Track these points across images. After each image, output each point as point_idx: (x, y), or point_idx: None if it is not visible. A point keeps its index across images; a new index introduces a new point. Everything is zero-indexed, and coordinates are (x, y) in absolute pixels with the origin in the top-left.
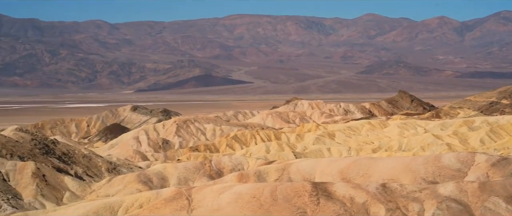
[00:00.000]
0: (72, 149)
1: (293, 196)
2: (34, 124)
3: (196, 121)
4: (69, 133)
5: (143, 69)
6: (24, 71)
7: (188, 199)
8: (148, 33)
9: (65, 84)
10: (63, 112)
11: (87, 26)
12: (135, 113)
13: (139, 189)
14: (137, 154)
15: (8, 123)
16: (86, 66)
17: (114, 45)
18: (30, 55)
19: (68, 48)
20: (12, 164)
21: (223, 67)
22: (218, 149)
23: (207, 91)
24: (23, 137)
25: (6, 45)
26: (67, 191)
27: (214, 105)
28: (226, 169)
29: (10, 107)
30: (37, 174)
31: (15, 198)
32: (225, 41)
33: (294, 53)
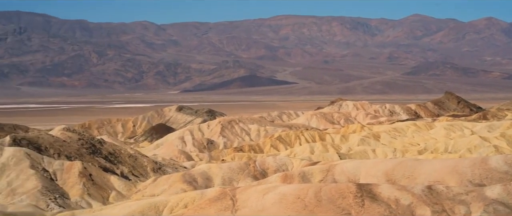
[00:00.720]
0: (118, 149)
1: (338, 197)
2: (81, 124)
3: (241, 122)
4: (115, 133)
5: (188, 69)
6: (72, 71)
7: (232, 200)
8: (194, 34)
9: (112, 85)
10: (109, 112)
11: (134, 27)
12: (181, 114)
13: (184, 189)
14: (182, 154)
15: (56, 123)
16: (133, 66)
17: (160, 45)
18: (78, 55)
19: (115, 49)
20: (59, 163)
21: (268, 68)
22: (263, 149)
23: (252, 92)
24: (71, 137)
25: (55, 46)
26: (113, 191)
27: (258, 106)
28: (270, 170)
29: (58, 107)
30: (84, 173)
31: (62, 197)
32: (270, 41)
33: (339, 53)
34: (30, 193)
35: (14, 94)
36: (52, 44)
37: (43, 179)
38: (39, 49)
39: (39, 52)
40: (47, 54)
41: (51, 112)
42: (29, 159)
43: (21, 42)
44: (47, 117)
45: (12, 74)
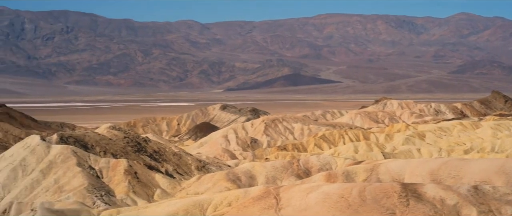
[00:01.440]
0: (163, 147)
1: (382, 196)
2: (127, 122)
3: (284, 120)
4: (160, 131)
5: (232, 68)
6: (118, 70)
7: (276, 198)
8: (238, 32)
9: (156, 83)
10: (154, 111)
11: (178, 26)
12: (224, 112)
13: (227, 187)
14: (226, 152)
15: (102, 121)
16: (177, 65)
17: (204, 44)
18: (124, 54)
19: (160, 48)
20: (105, 161)
21: (312, 67)
22: (306, 148)
23: (296, 91)
24: (116, 135)
25: (101, 45)
26: (158, 189)
27: (302, 105)
28: (314, 169)
29: (104, 106)
30: (129, 171)
31: (108, 195)
32: (314, 40)
33: (384, 52)
34: (76, 191)
35: (61, 92)
36: (98, 43)
37: (89, 177)
38: (86, 48)
39: (85, 51)
40: (94, 53)
41: (97, 111)
42: (76, 157)
43: (68, 41)
44: (93, 116)
45: (59, 73)
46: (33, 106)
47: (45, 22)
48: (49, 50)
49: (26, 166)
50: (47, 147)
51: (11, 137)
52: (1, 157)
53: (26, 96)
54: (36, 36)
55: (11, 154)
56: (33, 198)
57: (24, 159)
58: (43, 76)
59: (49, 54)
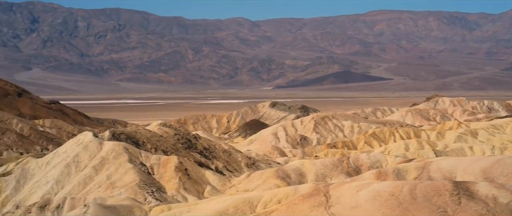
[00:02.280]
0: (213, 144)
1: (433, 195)
2: (177, 120)
3: (334, 118)
4: (210, 128)
5: (282, 65)
6: (169, 68)
7: (325, 196)
8: (288, 30)
9: (207, 81)
10: (204, 108)
11: (229, 24)
12: (274, 110)
13: (277, 184)
14: (275, 150)
15: (153, 118)
16: (227, 63)
17: (254, 42)
18: (175, 52)
19: (210, 46)
20: (156, 158)
21: (362, 64)
22: (356, 146)
23: (346, 88)
24: (167, 132)
25: (152, 43)
26: (208, 185)
27: (352, 102)
28: (364, 167)
29: (155, 103)
30: (179, 168)
31: (159, 191)
32: (365, 37)
33: (435, 49)
34: (128, 187)
35: (113, 89)
36: (150, 41)
37: (140, 173)
38: (137, 46)
39: (137, 49)
40: (145, 51)
41: (148, 108)
42: (128, 153)
43: (120, 38)
44: (145, 113)
45: (111, 70)
46: (85, 103)
47: (97, 19)
48: (101, 48)
49: (79, 162)
50: (99, 144)
51: (64, 134)
52: (55, 153)
53: (79, 93)
54: (89, 34)
55: (65, 150)
56: (85, 193)
57: (77, 155)
58: (96, 74)
59: (102, 52)
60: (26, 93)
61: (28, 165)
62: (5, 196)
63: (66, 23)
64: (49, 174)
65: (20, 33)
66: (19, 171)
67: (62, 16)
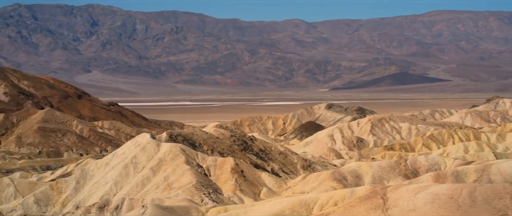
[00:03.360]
0: (268, 146)
1: (494, 198)
2: (233, 121)
3: (391, 120)
4: (266, 130)
5: (338, 67)
6: (225, 70)
7: (383, 198)
8: (345, 31)
9: (262, 82)
10: (260, 110)
11: (285, 25)
12: (330, 111)
13: (333, 186)
14: (332, 152)
15: (209, 120)
16: (283, 64)
17: (310, 43)
18: (231, 54)
19: (266, 47)
20: (212, 159)
21: (420, 65)
22: (414, 148)
23: (403, 89)
24: (223, 134)
25: (209, 45)
26: (264, 187)
27: (410, 104)
28: (422, 169)
29: (211, 105)
30: (236, 169)
31: (216, 193)
32: (423, 38)
33: (496, 49)
34: (185, 188)
35: (170, 91)
36: (206, 43)
37: (197, 175)
38: (194, 48)
39: (194, 51)
40: (202, 53)
41: (205, 109)
42: (184, 154)
43: (177, 41)
44: (201, 114)
45: (168, 72)
46: (143, 105)
47: (155, 22)
48: (159, 50)
49: (137, 164)
50: (157, 145)
51: (123, 135)
52: (114, 154)
53: (137, 95)
54: (147, 36)
55: (123, 151)
56: (143, 194)
57: (135, 156)
58: (153, 76)
59: (159, 54)
60: (85, 95)
61: (88, 166)
62: (65, 197)
63: (125, 26)
64: (108, 175)
65: (80, 36)
66: (79, 172)
67: (121, 19)
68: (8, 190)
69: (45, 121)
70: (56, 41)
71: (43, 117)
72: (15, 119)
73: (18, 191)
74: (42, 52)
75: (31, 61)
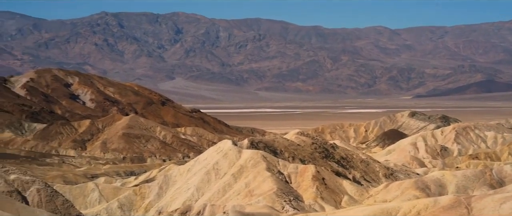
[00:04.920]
0: (350, 153)
1: None
2: (315, 128)
3: (477, 128)
4: (347, 137)
5: (422, 74)
6: (307, 77)
7: (467, 208)
8: (429, 38)
9: (344, 90)
10: (342, 117)
11: (368, 33)
12: (413, 119)
13: (416, 195)
14: (414, 160)
15: (291, 127)
16: (366, 72)
17: (394, 50)
18: (313, 61)
19: (348, 54)
20: (293, 166)
21: (507, 73)
22: (499, 157)
23: (489, 97)
24: (304, 141)
25: (291, 52)
26: (346, 195)
27: (496, 112)
28: (508, 179)
29: (293, 112)
30: (317, 177)
31: (297, 200)
32: (510, 45)
33: None
34: (266, 195)
35: (252, 98)
36: (289, 50)
37: (278, 182)
38: (276, 55)
39: (276, 58)
40: (284, 60)
41: (286, 116)
42: (266, 161)
43: (260, 48)
44: (282, 121)
45: (250, 80)
46: (225, 111)
47: (238, 30)
48: (242, 57)
49: (219, 170)
50: (238, 152)
51: (205, 141)
52: (196, 160)
53: (219, 102)
54: (230, 44)
55: (205, 157)
56: (225, 201)
57: (217, 163)
58: (236, 83)
59: (242, 61)
60: (169, 101)
61: (170, 172)
62: (148, 202)
63: (208, 34)
64: (190, 181)
65: (165, 43)
66: (161, 177)
67: (205, 26)
68: (93, 194)
69: (130, 127)
70: (141, 49)
71: (128, 123)
72: (101, 125)
73: (102, 196)
74: (127, 60)
75: (117, 68)
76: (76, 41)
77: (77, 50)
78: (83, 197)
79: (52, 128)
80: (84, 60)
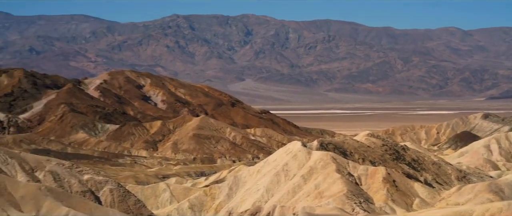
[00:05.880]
0: (421, 155)
1: None
2: (385, 130)
3: None
4: (418, 139)
5: (495, 76)
6: (377, 78)
7: None
8: (503, 39)
9: (416, 91)
10: (413, 119)
11: (439, 33)
12: (486, 121)
13: (490, 199)
14: (488, 163)
15: (361, 128)
16: (437, 73)
17: (466, 51)
18: (383, 62)
19: (420, 56)
20: (364, 168)
21: None
22: None
23: None
24: (375, 143)
25: (361, 53)
26: (417, 198)
27: None
28: None
29: (363, 113)
30: (387, 179)
31: (367, 202)
32: None
33: None
34: (336, 197)
35: (322, 100)
36: (359, 51)
37: (348, 183)
38: (346, 57)
39: (346, 59)
40: (353, 61)
41: (356, 118)
42: (335, 163)
43: (329, 49)
44: (352, 123)
45: (320, 81)
46: (294, 113)
47: (308, 31)
48: (311, 59)
49: (288, 171)
50: (308, 153)
51: (274, 142)
52: (265, 161)
53: (288, 103)
54: (299, 45)
55: (275, 159)
56: (294, 202)
57: (286, 164)
58: (305, 84)
59: (311, 63)
60: (239, 103)
61: (240, 173)
62: (218, 203)
63: (278, 35)
64: (259, 182)
65: (235, 45)
66: (231, 178)
67: (275, 28)
68: (164, 195)
69: (200, 128)
70: (211, 51)
71: (198, 124)
72: (172, 126)
73: (173, 196)
74: (198, 61)
75: (188, 70)
76: (148, 43)
77: (149, 52)
78: (154, 197)
79: (125, 129)
80: (156, 62)
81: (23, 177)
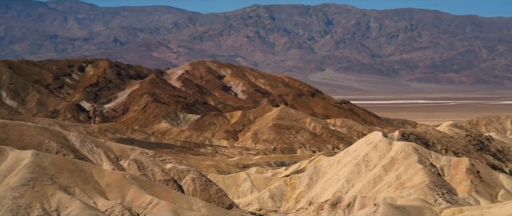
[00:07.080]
0: (507, 146)
1: None
2: (469, 120)
3: None
4: (504, 130)
5: None
6: (461, 67)
7: None
8: None
9: (501, 80)
10: (498, 109)
11: None
12: None
13: None
14: None
15: (443, 118)
16: None
17: None
18: (468, 51)
19: (505, 44)
20: (446, 159)
21: None
22: None
23: None
24: (458, 133)
25: (444, 42)
26: (502, 189)
27: None
28: None
29: (446, 103)
30: (471, 170)
31: (450, 193)
32: None
33: None
34: (418, 188)
35: (403, 90)
36: (442, 40)
37: (430, 174)
38: (429, 46)
39: (428, 49)
40: (436, 50)
41: (439, 108)
42: (417, 153)
43: (411, 38)
44: (435, 113)
45: (401, 70)
46: (375, 103)
47: (389, 20)
48: (393, 48)
49: (369, 162)
50: (389, 144)
51: (354, 133)
52: (346, 152)
53: (369, 93)
54: (381, 35)
55: (355, 149)
56: (375, 193)
57: (367, 154)
58: (386, 74)
59: (392, 52)
60: (319, 93)
61: (320, 163)
62: (298, 192)
63: (359, 24)
64: (340, 173)
65: (315, 35)
66: (311, 168)
67: (356, 17)
68: (244, 184)
69: (280, 118)
70: (291, 41)
71: (278, 114)
72: (252, 116)
73: (254, 186)
74: (278, 52)
75: (268, 60)
76: (229, 34)
77: (229, 43)
78: (235, 186)
79: (206, 119)
80: (236, 52)
81: (108, 165)
